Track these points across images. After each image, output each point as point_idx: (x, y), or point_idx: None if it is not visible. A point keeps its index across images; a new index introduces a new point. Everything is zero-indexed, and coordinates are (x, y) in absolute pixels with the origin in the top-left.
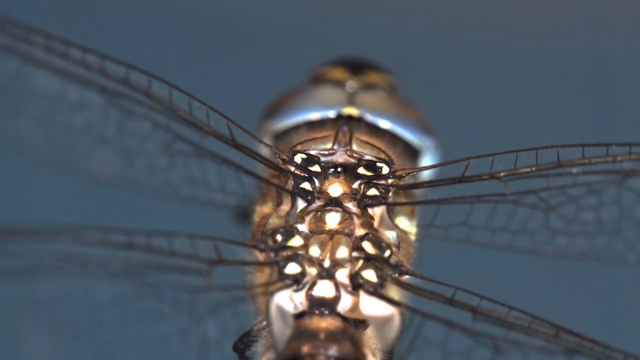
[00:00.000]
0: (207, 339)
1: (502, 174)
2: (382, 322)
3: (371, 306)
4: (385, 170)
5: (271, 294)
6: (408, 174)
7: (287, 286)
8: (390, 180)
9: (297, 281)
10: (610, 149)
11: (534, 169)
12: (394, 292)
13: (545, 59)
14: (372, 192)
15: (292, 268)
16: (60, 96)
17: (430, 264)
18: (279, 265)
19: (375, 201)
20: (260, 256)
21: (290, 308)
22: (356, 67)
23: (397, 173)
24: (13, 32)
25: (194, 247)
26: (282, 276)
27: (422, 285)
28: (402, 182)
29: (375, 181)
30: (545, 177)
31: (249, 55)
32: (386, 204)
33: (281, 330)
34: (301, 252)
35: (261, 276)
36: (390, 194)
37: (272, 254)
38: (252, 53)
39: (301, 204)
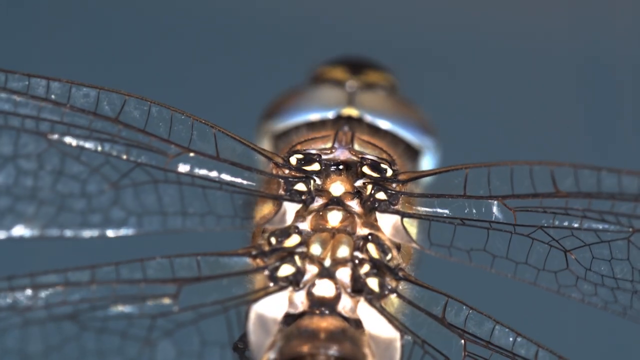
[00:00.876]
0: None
1: (505, 201)
2: (384, 346)
3: (372, 325)
4: (389, 172)
5: (250, 303)
6: (410, 179)
7: (282, 288)
8: (395, 185)
9: (295, 282)
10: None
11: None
12: (393, 303)
13: (545, 59)
14: (381, 195)
15: (285, 270)
16: None
17: (431, 262)
18: (268, 269)
19: (384, 206)
20: (254, 263)
21: (274, 314)
22: (356, 67)
23: (400, 177)
24: None
25: (172, 269)
26: (276, 280)
27: (416, 291)
28: (405, 188)
29: (382, 184)
30: (552, 213)
31: (248, 55)
32: (398, 213)
33: (260, 341)
34: (301, 250)
35: (255, 283)
36: (400, 201)
37: (265, 259)
38: (251, 53)
39: (293, 206)
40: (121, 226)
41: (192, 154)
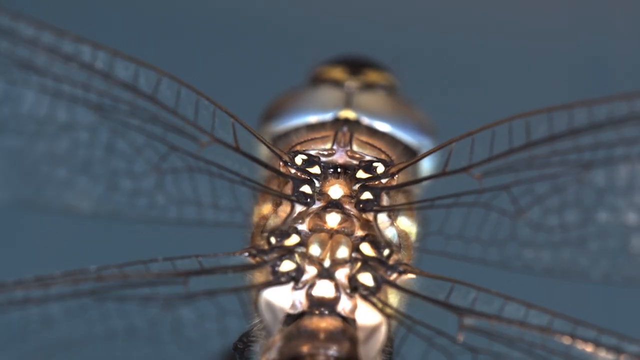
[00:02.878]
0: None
1: (473, 170)
2: (368, 332)
3: (361, 315)
4: (381, 169)
5: (260, 289)
6: (400, 170)
7: (282, 283)
8: (384, 181)
9: (294, 279)
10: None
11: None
12: (392, 296)
13: (545, 59)
14: (366, 195)
15: (286, 265)
16: (46, 119)
17: (431, 261)
18: (269, 265)
19: (369, 205)
20: (254, 261)
21: (281, 303)
22: (355, 67)
23: (391, 171)
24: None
25: (175, 270)
26: (277, 274)
27: (420, 282)
28: (394, 182)
29: (368, 184)
30: (515, 171)
31: (248, 55)
32: (377, 210)
33: (272, 322)
34: (300, 249)
35: (257, 279)
36: (385, 196)
37: (265, 257)
38: (251, 53)
39: (300, 207)
40: (164, 212)
41: (217, 143)
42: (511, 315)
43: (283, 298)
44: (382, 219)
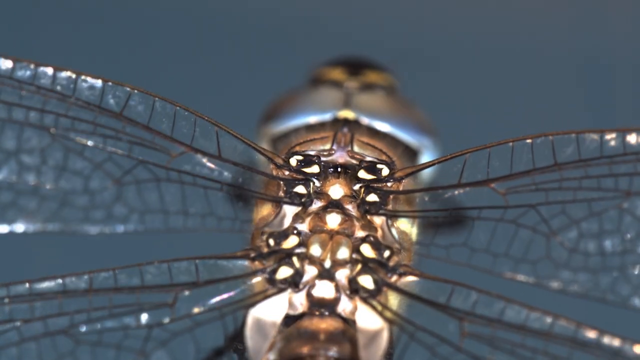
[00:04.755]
0: None
1: (494, 185)
2: (370, 337)
3: (362, 319)
4: (386, 172)
5: (247, 307)
6: (407, 175)
7: (281, 291)
8: (389, 184)
9: (294, 283)
10: (605, 140)
11: (529, 174)
12: (392, 299)
13: (545, 58)
14: (372, 198)
15: (284, 272)
16: None
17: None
18: (266, 272)
19: (375, 208)
20: (252, 265)
21: (272, 318)
22: (355, 67)
23: (397, 175)
24: None
25: (170, 274)
26: (274, 282)
27: (421, 285)
28: (401, 186)
29: (374, 185)
30: (544, 190)
31: (247, 55)
32: (385, 214)
33: (258, 345)
34: (300, 251)
35: (254, 286)
36: (390, 200)
37: (264, 261)
38: (250, 53)
39: (292, 209)
40: (123, 223)
41: (194, 153)
42: (512, 319)
43: (275, 311)
44: (379, 220)
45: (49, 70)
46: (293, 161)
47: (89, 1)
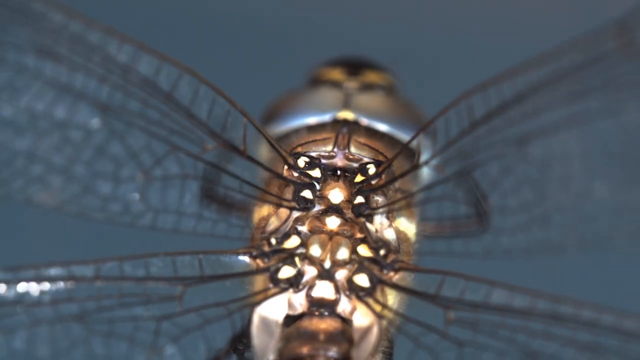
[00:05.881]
0: None
1: (432, 161)
2: (361, 334)
3: (358, 317)
4: (372, 170)
5: (253, 305)
6: (385, 168)
7: (283, 290)
8: (374, 182)
9: (295, 283)
10: None
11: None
12: (390, 296)
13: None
14: (359, 199)
15: (286, 272)
16: (43, 114)
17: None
18: (270, 271)
19: (362, 209)
20: (254, 263)
21: (276, 316)
22: (354, 67)
23: (378, 171)
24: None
25: (175, 267)
26: (277, 281)
27: (418, 278)
28: (382, 182)
29: (361, 187)
30: (469, 157)
31: (246, 55)
32: (368, 214)
33: (264, 344)
34: (300, 250)
35: (256, 284)
36: (381, 197)
37: (265, 260)
38: (250, 53)
39: (299, 212)
40: (137, 219)
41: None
42: (496, 301)
43: (278, 310)
44: (381, 220)
45: (116, 39)
46: (301, 162)
47: (89, 1)
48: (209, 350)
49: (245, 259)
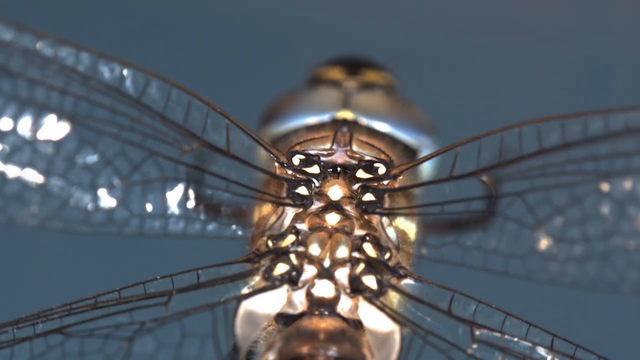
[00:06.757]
0: None
1: (485, 178)
2: (382, 340)
3: (370, 320)
4: (382, 170)
5: (240, 299)
6: (402, 171)
7: (277, 286)
8: (385, 182)
9: (290, 280)
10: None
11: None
12: (394, 300)
13: (545, 58)
14: (368, 197)
15: (280, 268)
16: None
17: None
18: (262, 270)
19: (371, 207)
20: (253, 268)
21: (266, 310)
22: (353, 67)
23: (392, 172)
24: None
25: (173, 286)
26: (269, 278)
27: (420, 288)
28: (397, 184)
29: (370, 185)
30: (529, 178)
31: (246, 55)
32: (381, 213)
33: (246, 333)
34: (299, 249)
35: (254, 286)
36: (386, 198)
37: (262, 260)
38: (249, 53)
39: (293, 210)
40: (123, 227)
41: (206, 149)
42: (512, 331)
43: (269, 305)
44: (382, 219)
45: (72, 49)
46: (295, 160)
47: (89, 1)
48: (183, 336)
49: (245, 265)
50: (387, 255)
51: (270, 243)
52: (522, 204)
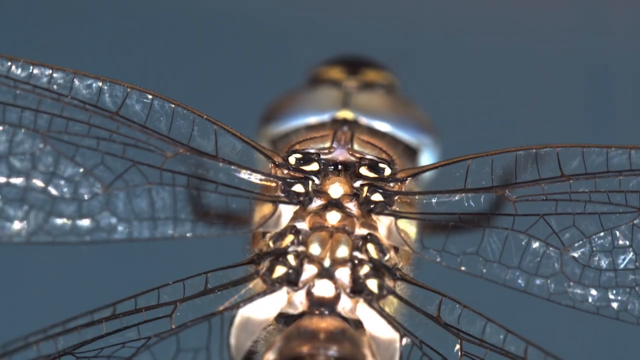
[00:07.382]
0: None
1: (506, 192)
2: (384, 346)
3: (371, 324)
4: (388, 171)
5: (238, 307)
6: (410, 176)
7: (276, 289)
8: (392, 185)
9: (289, 281)
10: (611, 153)
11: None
12: (392, 305)
13: (545, 58)
14: (377, 197)
15: (279, 271)
16: None
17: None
18: (260, 273)
19: (380, 208)
20: (254, 269)
21: (264, 315)
22: (354, 66)
23: (398, 175)
24: None
25: (184, 291)
26: (268, 281)
27: (412, 290)
28: (404, 187)
29: (379, 185)
30: (554, 201)
31: (246, 55)
32: (392, 214)
33: (241, 343)
34: (299, 249)
35: (255, 288)
36: (395, 201)
37: (262, 263)
38: (249, 53)
39: (290, 208)
40: (111, 233)
41: (191, 153)
42: (490, 338)
43: (266, 310)
44: (384, 219)
45: (46, 70)
46: (292, 159)
47: (89, 1)
48: (177, 350)
49: (250, 267)
50: (386, 257)
51: (271, 243)
52: (546, 226)
